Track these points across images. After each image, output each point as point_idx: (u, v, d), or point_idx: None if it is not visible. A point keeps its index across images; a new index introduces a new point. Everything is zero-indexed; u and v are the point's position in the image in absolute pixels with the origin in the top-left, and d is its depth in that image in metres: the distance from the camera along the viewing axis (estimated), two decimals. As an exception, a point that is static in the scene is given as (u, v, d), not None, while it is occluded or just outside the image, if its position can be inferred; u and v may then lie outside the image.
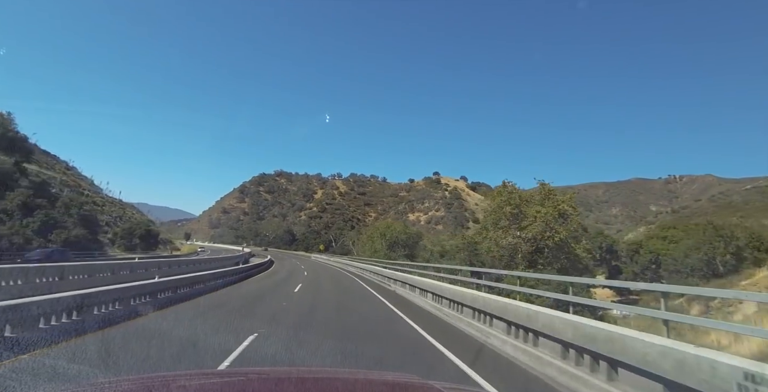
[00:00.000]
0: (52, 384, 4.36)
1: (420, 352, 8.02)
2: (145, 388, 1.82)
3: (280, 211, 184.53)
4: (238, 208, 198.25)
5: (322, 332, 9.38)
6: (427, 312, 14.43)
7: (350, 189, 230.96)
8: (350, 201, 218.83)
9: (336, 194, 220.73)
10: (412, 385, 2.27)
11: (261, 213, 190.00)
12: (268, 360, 6.74)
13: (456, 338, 9.75)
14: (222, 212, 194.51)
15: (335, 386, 2.13)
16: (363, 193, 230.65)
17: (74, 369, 5.19)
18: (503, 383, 6.05)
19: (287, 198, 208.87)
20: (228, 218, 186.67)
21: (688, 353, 4.02)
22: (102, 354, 6.36)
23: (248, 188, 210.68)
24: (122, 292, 10.40)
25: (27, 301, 7.15)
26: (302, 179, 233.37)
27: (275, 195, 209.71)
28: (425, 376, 2.91)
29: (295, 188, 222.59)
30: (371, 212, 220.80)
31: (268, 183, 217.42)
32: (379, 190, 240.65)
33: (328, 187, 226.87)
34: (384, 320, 12.55)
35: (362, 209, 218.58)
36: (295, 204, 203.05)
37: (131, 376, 2.91)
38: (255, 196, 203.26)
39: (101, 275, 17.17)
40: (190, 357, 6.44)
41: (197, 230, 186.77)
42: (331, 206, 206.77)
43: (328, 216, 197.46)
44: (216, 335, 8.26)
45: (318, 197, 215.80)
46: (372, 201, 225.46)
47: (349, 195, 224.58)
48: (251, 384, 2.09)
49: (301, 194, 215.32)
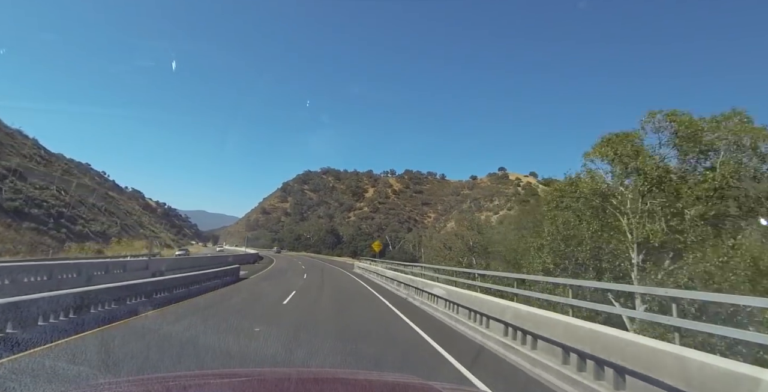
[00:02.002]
0: (52, 385, 4.54)
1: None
2: (145, 389, 1.80)
3: (326, 211, 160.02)
4: (280, 208, 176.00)
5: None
6: None
7: (405, 187, 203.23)
8: (406, 200, 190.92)
9: (390, 193, 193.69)
10: (412, 386, 2.23)
11: (305, 213, 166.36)
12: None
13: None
14: (261, 212, 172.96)
15: (335, 386, 2.11)
16: (420, 191, 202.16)
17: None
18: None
19: (334, 197, 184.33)
20: (267, 219, 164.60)
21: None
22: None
23: (291, 187, 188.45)
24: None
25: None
26: (351, 177, 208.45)
27: (321, 194, 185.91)
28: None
29: (344, 187, 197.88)
30: (430, 212, 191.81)
31: (313, 181, 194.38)
32: (437, 188, 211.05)
33: (380, 185, 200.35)
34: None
35: (420, 209, 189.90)
36: (343, 204, 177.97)
37: (131, 377, 2.94)
38: (298, 195, 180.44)
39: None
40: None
41: (234, 233, 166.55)
42: (385, 205, 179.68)
43: (381, 217, 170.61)
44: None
45: (369, 196, 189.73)
46: (430, 200, 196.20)
47: (404, 193, 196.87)
48: (251, 384, 2.07)
49: (350, 193, 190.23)
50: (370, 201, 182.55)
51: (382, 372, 4.72)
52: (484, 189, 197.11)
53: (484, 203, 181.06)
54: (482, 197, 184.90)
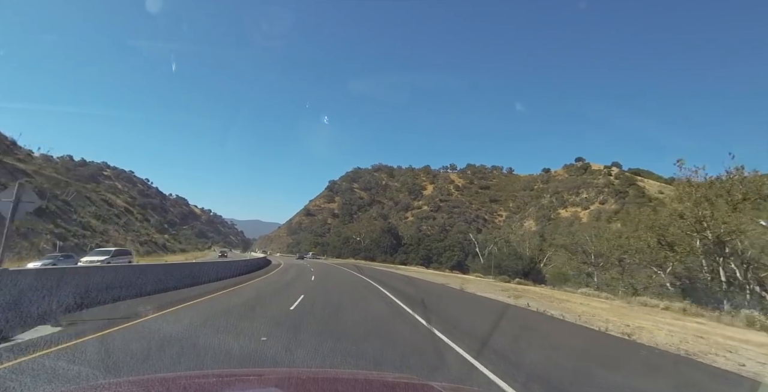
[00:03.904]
0: (52, 385, 4.32)
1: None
2: (145, 389, 1.77)
3: (379, 211, 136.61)
4: (326, 209, 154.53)
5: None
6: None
7: (469, 182, 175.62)
8: (471, 197, 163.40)
9: (452, 189, 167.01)
10: (412, 386, 2.21)
11: (355, 214, 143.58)
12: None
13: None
14: (306, 214, 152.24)
15: (335, 386, 2.09)
16: (486, 187, 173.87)
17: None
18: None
19: (388, 195, 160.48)
20: (312, 221, 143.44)
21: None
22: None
23: (339, 185, 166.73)
24: None
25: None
26: (406, 173, 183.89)
27: (372, 192, 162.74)
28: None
29: (398, 184, 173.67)
30: (500, 209, 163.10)
31: (363, 179, 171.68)
32: (505, 183, 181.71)
33: (440, 181, 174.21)
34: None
35: (488, 207, 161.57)
36: (398, 203, 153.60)
37: (131, 377, 2.86)
38: (347, 194, 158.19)
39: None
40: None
41: (274, 238, 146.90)
42: (447, 203, 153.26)
43: (443, 216, 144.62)
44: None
45: (428, 193, 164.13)
46: (499, 196, 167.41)
47: (468, 190, 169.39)
48: (251, 384, 2.07)
49: (406, 191, 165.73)
50: (429, 199, 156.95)
51: (382, 372, 4.59)
52: (564, 182, 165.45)
53: (568, 196, 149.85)
54: (564, 191, 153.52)
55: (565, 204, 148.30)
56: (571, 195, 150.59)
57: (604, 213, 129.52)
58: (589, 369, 7.00)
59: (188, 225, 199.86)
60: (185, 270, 17.45)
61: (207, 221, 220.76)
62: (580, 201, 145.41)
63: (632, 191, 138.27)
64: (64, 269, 9.94)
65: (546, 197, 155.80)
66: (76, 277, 9.59)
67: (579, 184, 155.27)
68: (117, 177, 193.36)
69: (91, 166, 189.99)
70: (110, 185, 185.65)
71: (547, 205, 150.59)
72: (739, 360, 8.46)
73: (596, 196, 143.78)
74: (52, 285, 8.51)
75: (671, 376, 6.97)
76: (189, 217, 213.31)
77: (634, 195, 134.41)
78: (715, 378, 7.03)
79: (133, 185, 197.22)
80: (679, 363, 8.04)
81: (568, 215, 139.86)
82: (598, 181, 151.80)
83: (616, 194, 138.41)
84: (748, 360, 8.53)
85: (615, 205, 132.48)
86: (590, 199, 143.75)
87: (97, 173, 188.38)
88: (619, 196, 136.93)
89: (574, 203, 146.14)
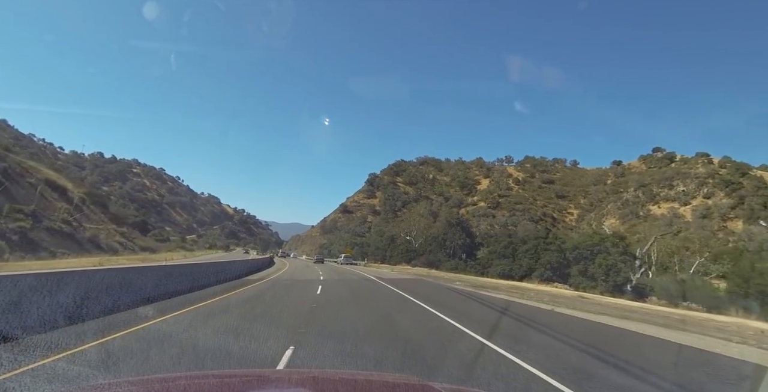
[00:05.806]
0: (52, 385, 4.27)
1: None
2: (145, 389, 1.76)
3: (427, 208, 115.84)
4: (366, 205, 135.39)
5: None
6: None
7: (530, 176, 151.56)
8: (533, 192, 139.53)
9: (511, 183, 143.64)
10: (412, 386, 2.20)
11: (399, 211, 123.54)
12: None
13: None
14: (342, 211, 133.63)
15: (335, 387, 2.09)
16: (550, 181, 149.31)
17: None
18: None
19: (437, 190, 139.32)
20: (349, 219, 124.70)
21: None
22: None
23: (381, 179, 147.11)
24: None
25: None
26: (457, 166, 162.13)
27: (419, 187, 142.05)
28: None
29: (448, 178, 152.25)
30: (569, 206, 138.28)
31: (407, 172, 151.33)
32: (571, 177, 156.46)
33: (495, 174, 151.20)
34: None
35: (555, 203, 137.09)
36: (449, 198, 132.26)
37: (131, 377, 2.84)
38: (389, 189, 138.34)
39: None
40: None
41: (306, 238, 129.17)
42: (507, 198, 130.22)
43: (504, 213, 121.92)
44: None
45: (483, 188, 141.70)
46: (566, 192, 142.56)
47: (530, 184, 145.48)
48: (251, 385, 2.06)
49: (457, 185, 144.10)
50: (486, 194, 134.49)
51: (382, 373, 4.49)
52: (648, 174, 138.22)
53: (658, 190, 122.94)
54: (652, 183, 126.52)
55: (656, 199, 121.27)
56: (663, 188, 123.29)
57: (716, 208, 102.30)
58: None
59: (219, 225, 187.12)
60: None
61: (239, 222, 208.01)
62: (675, 195, 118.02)
63: (748, 182, 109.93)
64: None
65: (630, 191, 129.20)
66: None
67: (670, 175, 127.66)
68: (146, 174, 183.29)
69: (121, 163, 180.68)
70: (137, 182, 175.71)
71: (632, 200, 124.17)
72: None
73: (697, 189, 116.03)
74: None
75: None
76: (221, 216, 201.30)
77: (753, 187, 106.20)
78: None
79: (163, 183, 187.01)
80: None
81: (663, 211, 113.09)
82: (698, 171, 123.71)
83: (726, 186, 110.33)
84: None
85: (728, 199, 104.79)
86: (689, 192, 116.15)
87: (126, 169, 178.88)
88: (731, 188, 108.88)
89: (668, 198, 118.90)
